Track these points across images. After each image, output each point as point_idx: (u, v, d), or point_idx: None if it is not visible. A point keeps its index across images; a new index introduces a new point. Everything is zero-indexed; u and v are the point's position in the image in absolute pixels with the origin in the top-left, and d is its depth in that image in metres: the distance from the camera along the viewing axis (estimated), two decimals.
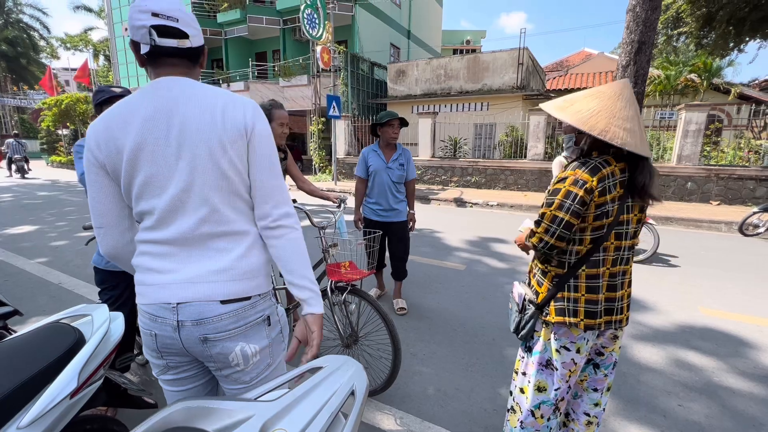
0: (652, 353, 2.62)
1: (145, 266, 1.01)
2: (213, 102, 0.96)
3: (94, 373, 1.21)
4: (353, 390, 0.81)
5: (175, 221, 0.97)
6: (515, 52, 12.17)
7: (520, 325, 1.49)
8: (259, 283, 1.04)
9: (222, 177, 0.97)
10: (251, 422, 0.70)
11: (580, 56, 22.13)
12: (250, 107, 1.01)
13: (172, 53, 0.97)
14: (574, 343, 1.38)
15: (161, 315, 0.97)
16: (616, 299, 1.36)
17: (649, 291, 3.71)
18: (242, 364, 1.03)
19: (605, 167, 1.27)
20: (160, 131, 0.93)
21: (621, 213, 1.30)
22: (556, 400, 1.45)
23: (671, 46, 15.02)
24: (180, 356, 1.04)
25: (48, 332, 1.21)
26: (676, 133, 8.75)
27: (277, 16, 16.88)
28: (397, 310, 3.17)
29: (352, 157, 12.98)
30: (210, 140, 0.94)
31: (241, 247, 1.01)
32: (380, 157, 3.05)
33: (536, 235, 1.34)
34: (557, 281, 1.38)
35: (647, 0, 8.99)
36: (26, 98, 29.85)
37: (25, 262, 4.44)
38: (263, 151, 1.02)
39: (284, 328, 1.17)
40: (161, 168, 0.94)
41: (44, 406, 1.02)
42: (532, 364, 1.48)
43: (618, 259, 1.34)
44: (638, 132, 1.25)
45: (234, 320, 0.99)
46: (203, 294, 0.96)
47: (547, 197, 1.34)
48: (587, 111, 1.27)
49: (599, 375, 1.49)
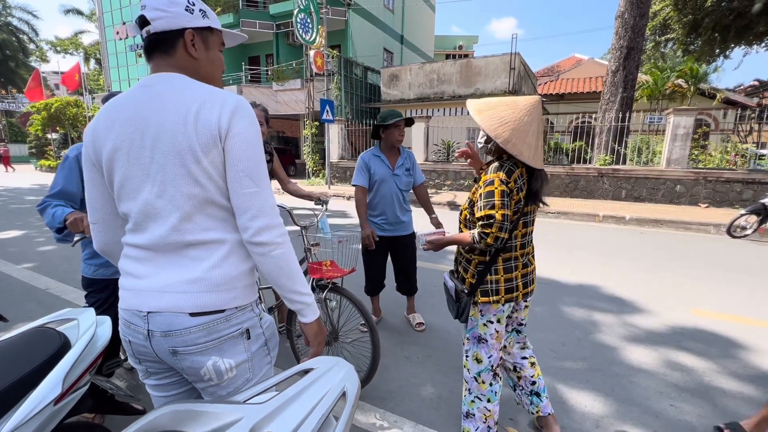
0: (643, 354, 2.64)
1: (125, 269, 0.99)
2: (189, 103, 0.88)
3: (80, 378, 1.18)
4: (345, 391, 0.80)
5: (150, 226, 0.93)
6: (507, 57, 12.30)
7: (458, 311, 1.72)
8: (235, 295, 0.96)
9: (194, 184, 0.90)
10: (240, 425, 0.69)
11: (570, 62, 22.44)
12: (228, 107, 0.90)
13: (148, 46, 0.95)
14: (496, 315, 1.66)
15: (134, 322, 0.95)
16: (528, 274, 1.67)
17: (640, 293, 3.74)
18: (216, 379, 0.96)
19: (516, 169, 1.53)
20: (136, 133, 0.89)
21: (526, 205, 1.58)
22: (492, 366, 1.72)
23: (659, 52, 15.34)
24: (158, 363, 1.00)
25: (31, 337, 1.18)
26: (665, 137, 8.90)
27: (270, 20, 16.90)
28: (415, 325, 2.97)
29: (345, 161, 12.98)
30: (180, 145, 0.87)
31: (215, 256, 0.94)
32: (384, 162, 2.72)
33: (491, 235, 1.48)
34: (482, 268, 1.63)
35: (636, 6, 9.23)
36: (15, 102, 29.42)
37: (11, 268, 4.34)
38: (240, 156, 0.90)
39: (270, 340, 1.08)
40: (135, 171, 0.91)
41: (27, 412, 0.99)
42: (468, 341, 1.76)
43: (524, 243, 1.64)
44: (535, 146, 1.50)
45: (204, 334, 0.92)
46: (172, 304, 0.90)
47: (484, 200, 1.51)
48: (498, 119, 1.49)
49: (521, 336, 1.87)
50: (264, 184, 0.95)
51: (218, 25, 1.02)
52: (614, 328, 3.03)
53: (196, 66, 0.98)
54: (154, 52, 0.96)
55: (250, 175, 0.92)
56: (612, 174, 9.12)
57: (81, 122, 19.30)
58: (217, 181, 0.92)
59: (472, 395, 1.76)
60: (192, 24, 0.95)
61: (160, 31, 0.93)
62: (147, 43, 0.95)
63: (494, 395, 1.73)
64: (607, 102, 9.72)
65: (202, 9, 0.98)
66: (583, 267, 4.52)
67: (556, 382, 2.30)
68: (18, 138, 29.86)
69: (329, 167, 12.13)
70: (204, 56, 0.99)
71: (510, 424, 1.95)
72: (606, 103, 9.76)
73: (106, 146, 0.93)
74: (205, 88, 0.93)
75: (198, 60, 0.98)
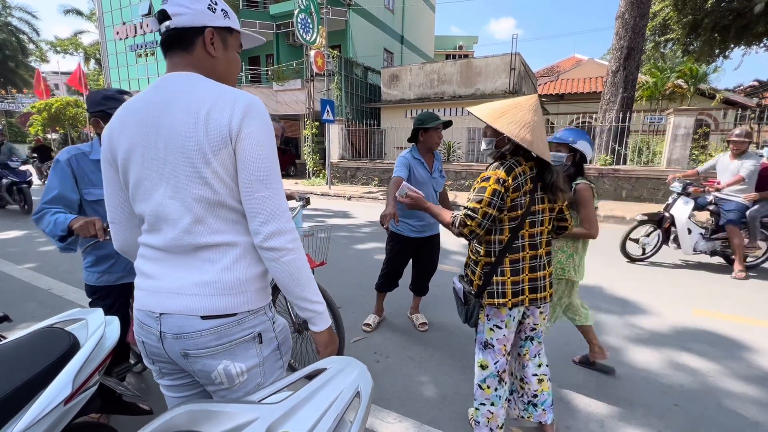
0: (646, 354, 2.64)
1: (140, 269, 1.00)
2: (200, 104, 0.87)
3: (89, 378, 1.18)
4: (358, 391, 0.80)
5: (163, 228, 0.93)
6: (507, 58, 12.30)
7: (467, 315, 1.68)
8: (248, 298, 0.95)
9: (205, 186, 0.88)
10: (256, 425, 0.69)
11: (570, 62, 22.47)
12: (240, 107, 0.87)
13: (165, 42, 0.95)
14: (503, 320, 1.63)
15: (147, 323, 0.95)
16: (537, 279, 1.61)
17: (642, 293, 3.74)
18: (226, 383, 0.95)
19: (517, 167, 1.52)
20: (150, 135, 0.89)
21: (532, 204, 1.55)
22: (498, 372, 1.70)
23: (659, 53, 15.36)
24: (171, 364, 1.00)
25: (41, 337, 1.18)
26: (666, 137, 8.91)
27: (271, 20, 16.89)
28: (418, 325, 2.98)
29: (346, 161, 12.97)
30: (189, 147, 0.86)
31: (227, 259, 0.93)
32: (425, 166, 2.69)
33: (468, 227, 1.51)
34: (488, 269, 1.60)
35: (636, 7, 9.24)
36: (14, 102, 29.37)
37: (13, 268, 4.34)
38: (251, 158, 0.89)
39: (283, 344, 1.07)
40: (149, 172, 0.91)
41: (38, 412, 0.99)
42: (475, 346, 1.75)
43: (534, 244, 1.59)
44: (545, 142, 1.54)
45: (215, 337, 0.91)
46: (184, 307, 0.90)
47: (475, 194, 1.52)
48: (516, 123, 1.48)
49: (535, 344, 1.80)
50: (275, 188, 0.93)
51: (238, 27, 1.01)
52: (617, 328, 3.04)
53: (213, 65, 0.97)
54: (173, 48, 0.95)
55: (262, 178, 0.90)
56: (612, 174, 9.13)
57: (81, 122, 19.27)
58: (228, 183, 0.90)
59: (476, 402, 1.75)
60: (213, 23, 0.94)
61: (181, 27, 0.92)
62: (165, 38, 0.94)
63: (498, 399, 1.72)
64: (608, 102, 9.73)
65: (224, 9, 0.97)
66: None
67: (560, 383, 2.31)
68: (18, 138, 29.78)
69: (329, 167, 12.12)
70: (222, 56, 0.98)
71: (513, 424, 1.95)
72: (606, 104, 9.77)
73: (121, 147, 0.93)
74: (218, 88, 0.91)
75: (216, 59, 0.97)
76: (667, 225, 4.55)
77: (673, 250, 4.65)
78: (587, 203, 2.21)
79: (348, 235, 5.86)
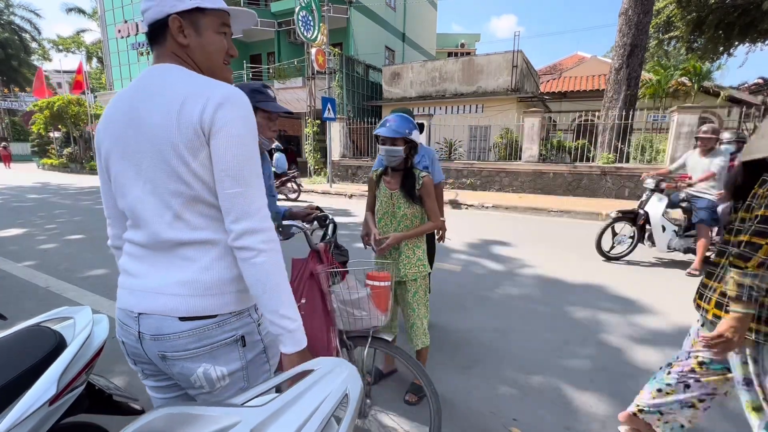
0: (649, 354, 2.61)
1: (123, 267, 0.98)
2: (176, 97, 0.83)
3: (76, 378, 1.16)
4: (347, 393, 0.77)
5: (143, 224, 0.90)
6: (509, 55, 12.23)
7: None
8: (230, 299, 0.90)
9: (179, 181, 0.85)
10: (237, 429, 0.66)
11: (573, 59, 22.31)
12: (214, 100, 0.82)
13: (148, 39, 0.94)
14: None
15: (126, 322, 0.92)
16: None
17: (647, 293, 3.70)
18: (207, 387, 0.91)
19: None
20: (129, 129, 0.88)
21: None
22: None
23: (662, 50, 15.24)
24: (152, 365, 0.96)
25: (26, 336, 1.15)
26: (669, 134, 8.83)
27: (272, 18, 16.85)
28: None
29: (347, 159, 12.94)
30: (163, 141, 0.83)
31: (207, 257, 0.89)
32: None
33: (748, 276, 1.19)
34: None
35: (639, 4, 9.16)
36: (17, 100, 29.49)
37: (12, 266, 4.33)
38: (223, 153, 0.83)
39: (270, 347, 1.01)
40: (128, 167, 0.89)
41: (21, 413, 0.97)
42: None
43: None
44: None
45: (194, 339, 0.87)
46: (163, 307, 0.86)
47: (757, 225, 1.17)
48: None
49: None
50: (250, 184, 0.86)
51: (212, 4, 0.90)
52: (619, 327, 3.00)
53: (187, 53, 0.92)
54: (152, 45, 0.94)
55: (233, 174, 0.84)
56: (615, 172, 9.06)
57: (83, 121, 19.30)
58: (204, 178, 0.86)
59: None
60: (176, 8, 0.87)
61: (152, 22, 0.89)
62: (147, 35, 0.94)
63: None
64: (611, 100, 9.65)
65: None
66: (586, 266, 4.48)
67: (561, 382, 2.27)
68: (21, 137, 29.92)
69: (331, 165, 12.10)
70: (195, 42, 0.91)
71: (513, 424, 1.92)
72: (609, 101, 9.69)
73: (104, 143, 0.94)
74: (193, 81, 0.86)
75: (189, 47, 0.91)
76: (641, 222, 4.54)
77: (647, 247, 4.63)
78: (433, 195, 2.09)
79: (348, 233, 5.84)
